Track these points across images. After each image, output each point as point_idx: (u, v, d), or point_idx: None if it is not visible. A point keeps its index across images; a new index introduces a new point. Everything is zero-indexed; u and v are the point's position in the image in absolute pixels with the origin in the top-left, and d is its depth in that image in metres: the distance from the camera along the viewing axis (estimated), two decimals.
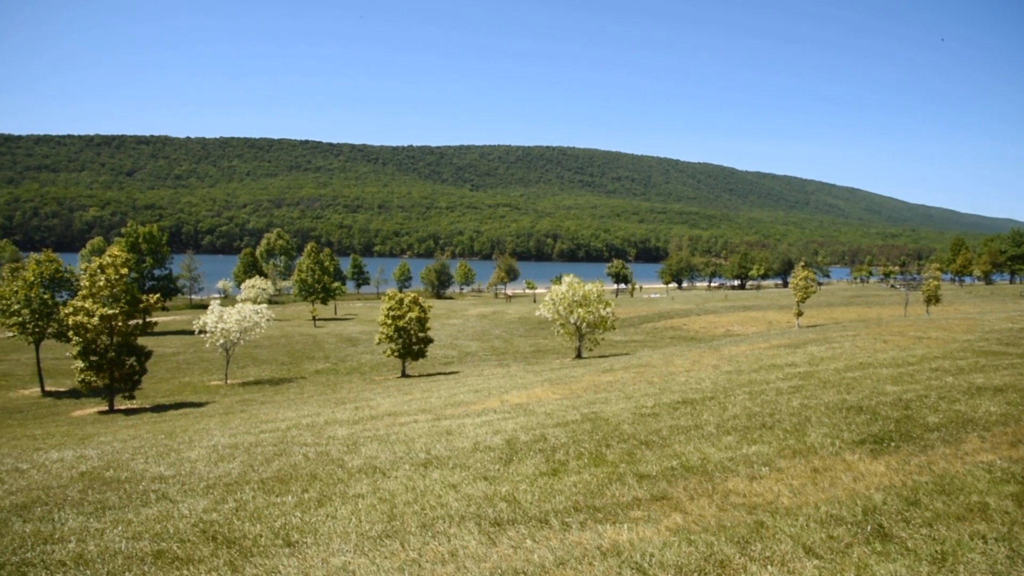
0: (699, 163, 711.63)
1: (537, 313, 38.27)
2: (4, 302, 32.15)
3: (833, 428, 8.97)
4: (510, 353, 42.93)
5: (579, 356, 35.85)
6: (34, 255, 34.27)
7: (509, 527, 5.96)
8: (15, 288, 32.11)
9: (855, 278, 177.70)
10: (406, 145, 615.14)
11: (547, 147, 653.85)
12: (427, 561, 5.27)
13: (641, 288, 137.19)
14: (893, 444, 7.89)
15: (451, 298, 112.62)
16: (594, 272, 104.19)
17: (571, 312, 34.91)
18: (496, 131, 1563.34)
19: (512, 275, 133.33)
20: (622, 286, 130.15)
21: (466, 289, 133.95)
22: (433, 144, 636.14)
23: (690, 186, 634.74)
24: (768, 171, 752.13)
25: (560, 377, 21.96)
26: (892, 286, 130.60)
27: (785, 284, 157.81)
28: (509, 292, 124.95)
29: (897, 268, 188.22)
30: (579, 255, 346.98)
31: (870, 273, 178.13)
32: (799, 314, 53.57)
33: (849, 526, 5.35)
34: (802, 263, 62.67)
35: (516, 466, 8.36)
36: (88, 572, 5.58)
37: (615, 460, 8.26)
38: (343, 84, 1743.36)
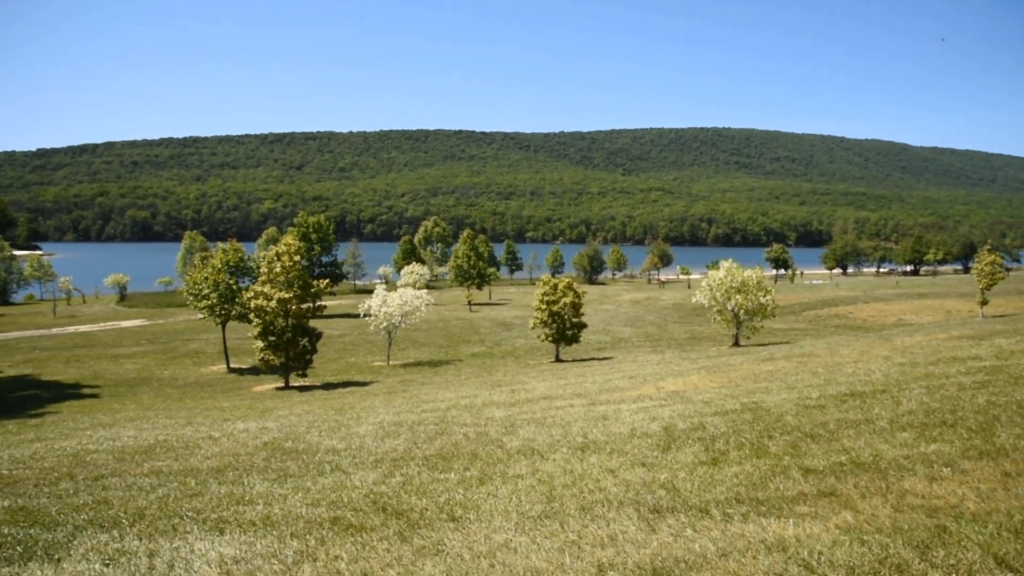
0: (867, 140, 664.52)
1: (693, 299, 37.37)
2: (196, 287, 35.46)
3: None
4: (664, 340, 42.25)
5: (736, 344, 34.72)
6: (220, 244, 37.58)
7: (668, 515, 5.91)
8: (205, 274, 35.29)
9: None
10: (557, 131, 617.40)
11: (701, 128, 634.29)
12: (587, 543, 5.32)
13: (802, 274, 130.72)
14: None
15: (603, 284, 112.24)
16: (751, 257, 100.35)
17: (729, 299, 33.83)
18: (648, 115, 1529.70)
19: (665, 260, 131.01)
20: (782, 272, 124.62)
21: (618, 275, 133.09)
22: (584, 130, 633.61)
23: (857, 165, 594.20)
24: (946, 146, 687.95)
25: (717, 365, 21.38)
26: None
27: (966, 270, 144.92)
28: (662, 278, 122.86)
29: None
30: (735, 239, 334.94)
31: None
32: (984, 303, 49.01)
33: None
34: (987, 246, 57.19)
35: (674, 454, 8.26)
36: (275, 533, 6.06)
37: (778, 452, 7.96)
38: (495, 73, 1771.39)
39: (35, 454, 12.51)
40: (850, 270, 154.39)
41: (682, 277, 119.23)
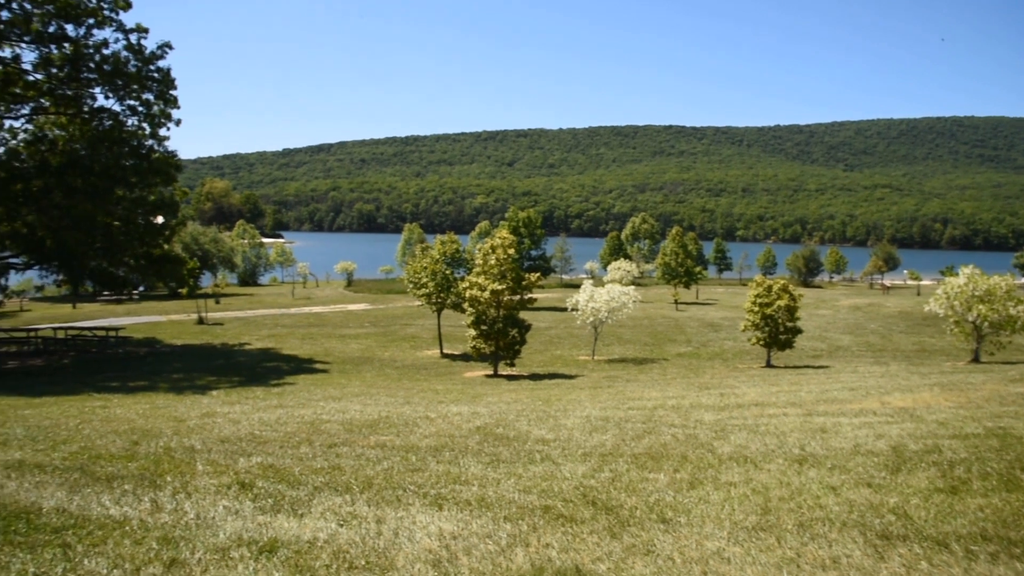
0: None
1: (926, 308, 34.05)
2: (416, 276, 37.83)
3: None
4: (888, 350, 38.93)
5: (976, 360, 31.21)
6: (439, 236, 39.83)
7: (899, 543, 5.45)
8: (424, 264, 37.55)
9: None
10: (772, 125, 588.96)
11: (937, 118, 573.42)
12: (806, 563, 5.05)
13: None
14: None
15: (819, 287, 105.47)
16: (996, 262, 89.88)
17: (969, 309, 30.46)
18: (875, 104, 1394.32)
19: (891, 264, 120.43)
20: None
21: (836, 278, 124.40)
22: (802, 123, 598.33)
23: None
24: None
25: (953, 382, 19.36)
26: None
27: None
28: (887, 283, 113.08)
29: None
30: (975, 242, 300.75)
31: None
32: None
33: None
34: None
35: (905, 477, 7.59)
36: (489, 514, 6.33)
37: None
38: (706, 67, 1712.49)
39: (279, 419, 13.98)
40: None
41: (910, 283, 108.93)
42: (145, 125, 34.75)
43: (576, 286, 47.32)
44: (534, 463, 8.88)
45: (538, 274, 33.05)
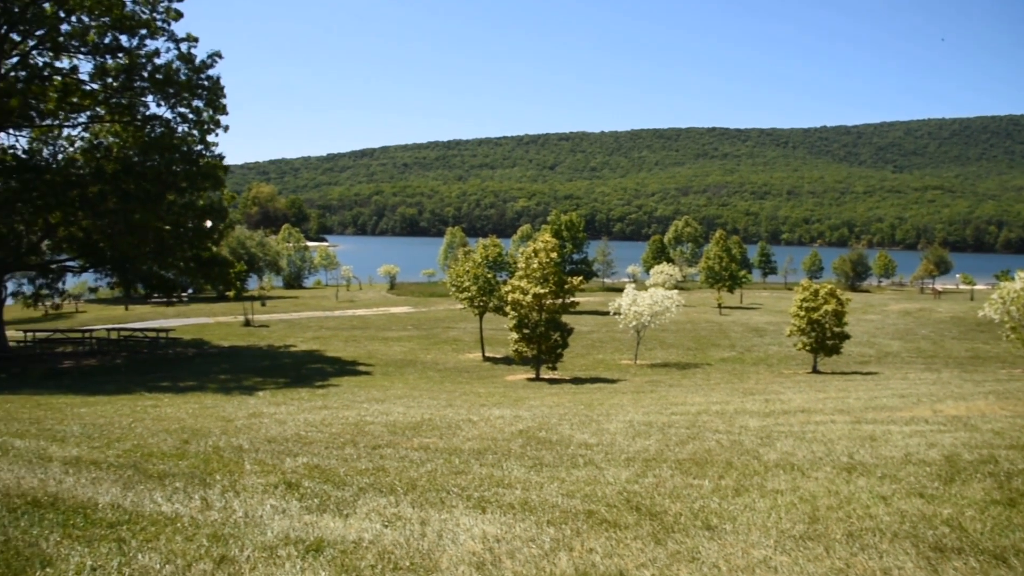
0: None
1: (980, 313, 33.10)
2: (458, 279, 38.03)
3: None
4: (940, 357, 37.91)
5: None
6: (482, 240, 40.03)
7: (954, 556, 5.30)
8: (467, 268, 37.75)
9: None
10: (818, 126, 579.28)
11: (991, 117, 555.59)
12: (855, 574, 4.96)
13: None
14: None
15: (867, 291, 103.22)
16: None
17: None
18: (926, 104, 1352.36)
19: (943, 268, 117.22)
20: None
21: (884, 282, 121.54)
22: (849, 123, 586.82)
23: None
24: None
25: (1010, 390, 18.78)
26: None
27: None
28: (938, 287, 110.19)
29: None
30: None
31: None
32: None
33: None
34: None
35: (959, 487, 7.39)
36: (532, 518, 6.33)
37: None
38: (750, 68, 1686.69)
39: (324, 420, 14.17)
40: None
41: (963, 287, 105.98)
42: (195, 132, 35.62)
43: (618, 290, 47.07)
44: (577, 467, 8.86)
45: (580, 278, 32.96)
